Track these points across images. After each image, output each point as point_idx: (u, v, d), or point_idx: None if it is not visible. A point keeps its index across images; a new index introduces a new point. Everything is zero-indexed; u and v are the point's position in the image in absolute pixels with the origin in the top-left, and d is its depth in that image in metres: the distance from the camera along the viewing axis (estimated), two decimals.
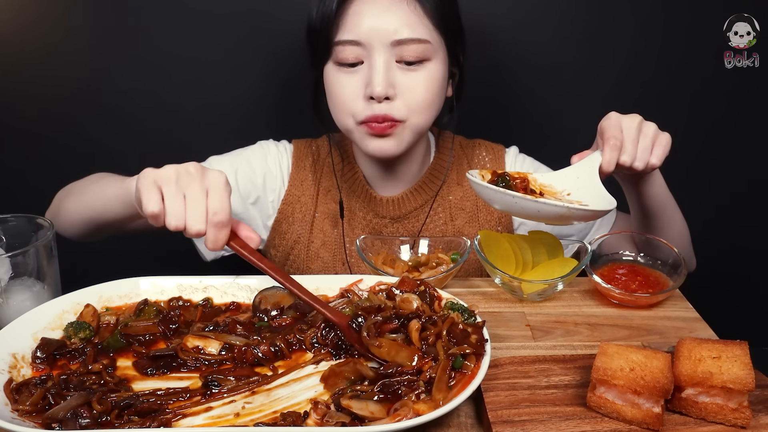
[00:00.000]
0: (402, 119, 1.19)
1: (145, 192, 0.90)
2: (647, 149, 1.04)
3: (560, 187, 1.08)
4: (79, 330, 0.92)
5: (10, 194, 1.67)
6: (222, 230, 0.91)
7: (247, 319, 0.97)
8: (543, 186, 1.08)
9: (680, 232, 1.26)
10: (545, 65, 1.69)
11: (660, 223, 1.22)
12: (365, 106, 1.18)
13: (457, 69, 1.30)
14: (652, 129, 1.06)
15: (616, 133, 1.04)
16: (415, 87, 1.18)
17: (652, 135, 1.05)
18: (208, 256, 1.40)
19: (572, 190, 1.06)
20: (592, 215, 1.00)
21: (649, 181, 1.15)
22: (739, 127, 1.74)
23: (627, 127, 1.05)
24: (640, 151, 1.04)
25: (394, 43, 1.15)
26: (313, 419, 0.77)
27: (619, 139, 1.04)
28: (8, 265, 0.96)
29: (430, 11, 1.16)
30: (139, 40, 1.62)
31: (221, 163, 1.35)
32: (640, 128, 1.05)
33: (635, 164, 1.04)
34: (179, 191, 0.90)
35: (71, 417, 0.74)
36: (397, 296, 0.94)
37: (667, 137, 1.06)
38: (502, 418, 0.77)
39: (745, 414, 0.75)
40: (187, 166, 0.92)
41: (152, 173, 0.92)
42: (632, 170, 1.06)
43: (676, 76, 1.68)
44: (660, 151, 1.05)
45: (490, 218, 1.38)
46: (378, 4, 1.15)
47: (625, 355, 0.79)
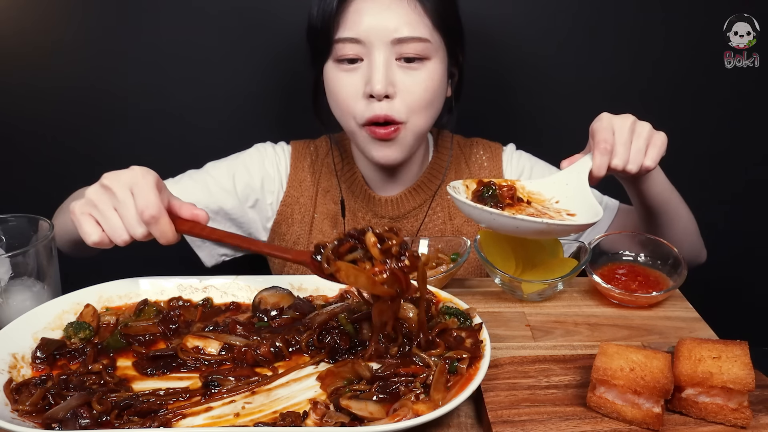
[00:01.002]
0: (402, 120, 1.19)
1: (80, 226, 0.92)
2: (641, 151, 1.01)
3: (549, 194, 1.04)
4: (79, 330, 0.92)
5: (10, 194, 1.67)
6: (159, 223, 0.90)
7: (247, 319, 0.97)
8: (531, 193, 1.05)
9: (686, 226, 1.24)
10: (545, 64, 1.69)
11: (664, 219, 1.21)
12: (366, 106, 1.18)
13: (457, 69, 1.30)
14: (645, 129, 1.03)
15: (606, 136, 1.01)
16: (414, 86, 1.18)
17: (646, 136, 1.02)
18: (209, 263, 1.40)
19: (561, 197, 1.04)
20: (574, 229, 0.97)
21: (649, 181, 1.13)
22: (739, 128, 1.74)
23: (619, 128, 1.02)
24: (633, 154, 1.01)
25: (395, 41, 1.15)
26: (312, 419, 0.77)
27: (610, 142, 1.01)
28: (8, 265, 0.96)
29: (430, 11, 1.17)
30: (139, 41, 1.62)
31: (218, 169, 1.35)
32: (633, 129, 1.02)
33: (628, 167, 1.02)
34: (108, 208, 0.91)
35: (71, 417, 0.74)
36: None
37: (662, 137, 1.04)
38: (502, 418, 0.77)
39: (745, 414, 0.75)
40: (103, 179, 0.93)
41: (77, 206, 0.93)
42: (626, 173, 1.03)
43: (676, 76, 1.68)
44: (654, 153, 1.02)
45: None
46: (379, 3, 1.15)
47: (625, 355, 0.79)
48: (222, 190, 1.34)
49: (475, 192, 1.03)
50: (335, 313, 0.93)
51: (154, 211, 0.89)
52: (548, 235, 0.96)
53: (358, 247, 0.82)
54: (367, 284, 0.81)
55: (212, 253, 1.40)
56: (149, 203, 0.89)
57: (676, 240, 1.16)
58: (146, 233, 0.91)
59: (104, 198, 0.92)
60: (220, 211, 1.34)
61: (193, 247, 1.37)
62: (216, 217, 1.35)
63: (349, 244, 0.82)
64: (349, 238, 0.83)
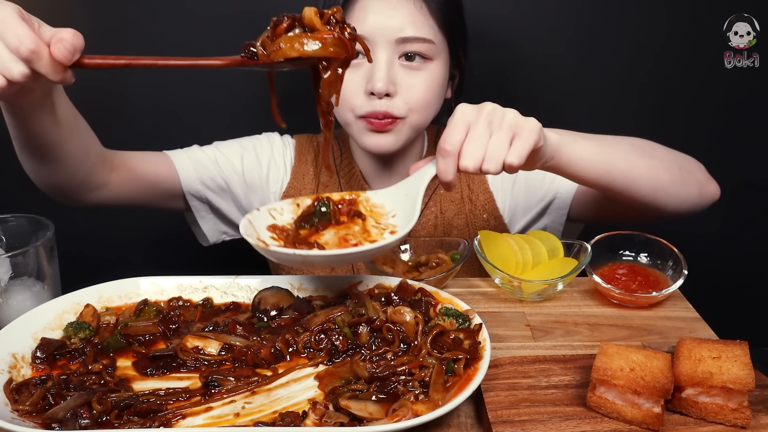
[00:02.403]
0: (402, 116, 1.19)
1: None
2: (502, 146, 0.85)
3: (389, 206, 0.92)
4: (79, 330, 0.92)
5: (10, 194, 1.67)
6: (42, 57, 0.74)
7: (247, 319, 0.97)
8: (374, 206, 0.94)
9: (654, 179, 1.06)
10: (544, 64, 1.69)
11: (618, 190, 1.05)
12: (365, 101, 1.18)
13: (458, 71, 1.30)
14: (508, 119, 0.86)
15: (449, 134, 0.86)
16: (415, 86, 1.18)
17: (509, 126, 0.86)
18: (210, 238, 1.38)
19: (399, 210, 0.91)
20: (371, 254, 0.85)
21: (564, 166, 0.98)
22: (738, 128, 1.74)
23: (473, 121, 0.86)
24: (491, 150, 0.85)
25: (399, 40, 1.15)
26: (312, 419, 0.77)
27: (451, 142, 0.85)
28: (8, 265, 0.96)
29: (435, 12, 1.17)
30: (139, 41, 1.62)
31: (228, 147, 1.34)
32: (491, 120, 0.86)
33: (485, 167, 0.85)
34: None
35: (71, 417, 0.74)
36: (388, 309, 0.93)
37: (531, 126, 0.86)
38: (502, 418, 0.77)
39: (745, 414, 0.75)
40: None
41: None
42: (487, 173, 0.88)
43: (676, 76, 1.68)
44: (520, 147, 0.85)
45: (474, 208, 1.37)
46: (385, 2, 1.15)
47: (625, 355, 0.79)
48: (231, 169, 1.33)
49: (306, 210, 0.93)
50: (332, 314, 0.93)
51: (31, 44, 0.73)
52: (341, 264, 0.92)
53: (296, 25, 0.75)
54: (318, 47, 0.74)
55: (215, 228, 1.38)
56: (22, 36, 0.73)
57: (653, 197, 1.06)
58: (27, 71, 0.74)
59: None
60: (227, 188, 1.33)
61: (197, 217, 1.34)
62: (223, 194, 1.33)
63: (287, 22, 0.74)
64: (284, 17, 0.75)
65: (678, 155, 1.14)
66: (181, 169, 1.28)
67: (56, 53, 0.76)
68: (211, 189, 1.32)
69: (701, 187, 1.12)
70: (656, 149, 1.11)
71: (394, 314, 0.91)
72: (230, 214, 1.37)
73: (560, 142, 0.96)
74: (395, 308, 0.92)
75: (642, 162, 1.06)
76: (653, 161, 1.07)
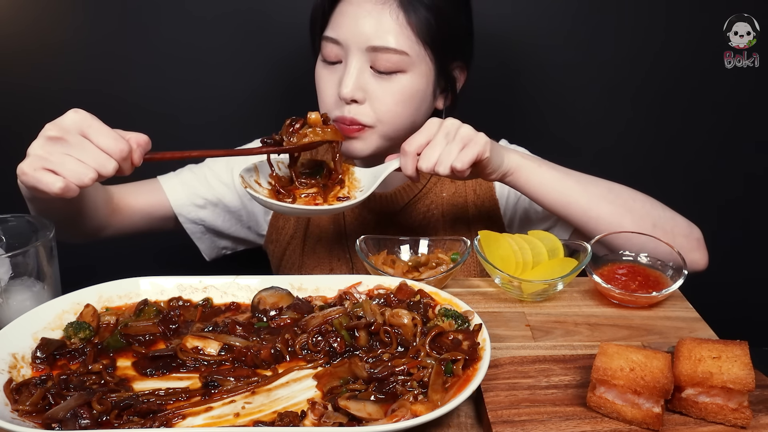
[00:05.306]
0: (370, 125, 1.19)
1: (39, 182, 0.89)
2: (451, 153, 1.02)
3: (363, 183, 1.14)
4: (79, 330, 0.92)
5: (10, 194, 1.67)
6: (127, 160, 0.93)
7: (247, 319, 0.97)
8: (355, 180, 1.16)
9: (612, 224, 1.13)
10: (544, 64, 1.69)
11: (575, 222, 1.16)
12: (336, 105, 1.19)
13: (450, 82, 1.26)
14: (463, 132, 1.03)
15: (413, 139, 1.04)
16: (384, 96, 1.17)
17: (462, 138, 1.02)
18: (209, 256, 1.42)
19: (365, 186, 1.13)
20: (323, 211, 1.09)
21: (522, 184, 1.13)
22: (738, 128, 1.75)
23: (434, 131, 1.04)
24: (443, 156, 1.02)
25: (370, 48, 1.14)
26: (311, 419, 0.77)
27: (414, 145, 1.03)
28: (8, 265, 0.96)
29: (415, 23, 1.14)
30: (139, 42, 1.62)
31: (218, 163, 1.36)
32: (448, 131, 1.03)
33: (437, 168, 1.02)
34: (62, 156, 0.89)
35: (71, 417, 0.74)
36: (386, 311, 0.93)
37: (477, 140, 1.03)
38: (502, 418, 0.77)
39: (745, 414, 0.75)
40: (46, 131, 0.90)
41: (25, 166, 0.90)
42: (437, 174, 1.04)
43: (676, 76, 1.69)
44: (466, 155, 1.01)
45: (478, 213, 1.38)
46: (362, 8, 1.15)
47: (625, 355, 0.79)
48: (221, 183, 1.36)
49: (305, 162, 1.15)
50: (330, 316, 0.93)
51: (123, 145, 0.91)
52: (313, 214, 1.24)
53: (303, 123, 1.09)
54: (334, 132, 1.10)
55: (213, 245, 1.41)
56: (114, 139, 0.91)
57: (613, 240, 1.13)
58: (117, 168, 0.91)
59: (56, 148, 0.89)
60: (219, 203, 1.36)
61: (193, 239, 1.39)
62: (216, 209, 1.37)
63: (300, 121, 1.08)
64: (296, 119, 1.09)
65: (665, 215, 1.17)
66: (171, 196, 1.32)
67: (136, 157, 0.95)
68: (204, 207, 1.35)
69: (682, 253, 1.10)
70: (637, 201, 1.16)
71: (392, 317, 0.91)
72: (226, 228, 1.39)
73: (521, 163, 1.12)
74: (393, 311, 0.92)
75: (607, 207, 1.14)
76: (620, 209, 1.14)
